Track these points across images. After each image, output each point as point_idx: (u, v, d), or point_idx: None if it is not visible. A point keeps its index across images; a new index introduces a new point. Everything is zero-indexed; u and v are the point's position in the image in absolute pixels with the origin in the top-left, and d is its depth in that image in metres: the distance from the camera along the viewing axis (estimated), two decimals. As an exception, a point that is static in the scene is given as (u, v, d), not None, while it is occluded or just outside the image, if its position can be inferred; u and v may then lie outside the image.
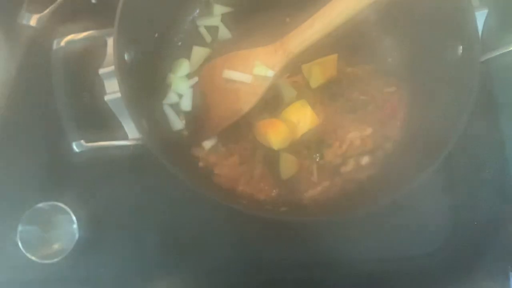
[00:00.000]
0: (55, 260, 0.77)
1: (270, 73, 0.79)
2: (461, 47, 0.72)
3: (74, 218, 0.79)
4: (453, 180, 0.85)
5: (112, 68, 0.67)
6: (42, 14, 0.81)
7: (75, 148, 0.66)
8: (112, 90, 0.68)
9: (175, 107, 0.85)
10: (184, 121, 0.84)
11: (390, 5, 0.78)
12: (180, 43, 0.89)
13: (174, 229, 0.81)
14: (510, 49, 0.74)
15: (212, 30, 0.90)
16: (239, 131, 0.83)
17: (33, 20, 0.81)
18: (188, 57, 0.88)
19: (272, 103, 0.84)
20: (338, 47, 0.85)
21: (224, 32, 0.90)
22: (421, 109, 0.81)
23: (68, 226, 0.79)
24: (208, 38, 0.90)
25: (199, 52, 0.88)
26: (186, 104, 0.85)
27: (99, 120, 0.71)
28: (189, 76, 0.87)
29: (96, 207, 0.80)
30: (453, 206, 0.83)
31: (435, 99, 0.78)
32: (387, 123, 0.84)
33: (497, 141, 0.85)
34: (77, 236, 0.78)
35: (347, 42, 0.86)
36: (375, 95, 0.86)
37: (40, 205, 0.78)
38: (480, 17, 0.72)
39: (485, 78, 0.86)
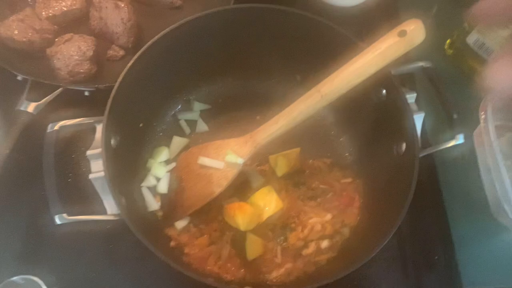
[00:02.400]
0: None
1: (240, 160, 0.88)
2: (404, 144, 0.84)
3: (46, 293, 0.81)
4: (405, 264, 0.92)
5: (99, 150, 0.75)
6: (40, 102, 0.91)
7: (57, 220, 0.72)
8: (97, 169, 0.75)
9: (152, 189, 0.93)
10: (159, 203, 0.91)
11: (343, 107, 0.90)
12: (161, 133, 0.99)
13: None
14: (446, 146, 0.86)
15: (191, 123, 1.01)
16: (210, 213, 0.90)
17: (31, 107, 0.90)
18: (168, 145, 0.98)
19: (241, 188, 0.92)
20: (301, 142, 0.96)
21: (201, 126, 1.01)
22: (374, 197, 0.91)
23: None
24: (187, 130, 1.01)
25: (178, 142, 0.99)
26: (163, 187, 0.93)
27: (82, 197, 0.78)
28: (167, 162, 0.96)
29: (69, 282, 0.82)
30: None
31: (385, 189, 0.88)
32: (345, 210, 0.92)
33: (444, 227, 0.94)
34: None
35: (310, 138, 0.99)
36: (333, 184, 0.95)
37: (14, 278, 0.80)
38: (418, 119, 0.85)
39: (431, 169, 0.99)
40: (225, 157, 0.89)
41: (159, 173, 0.94)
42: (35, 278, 0.80)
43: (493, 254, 0.90)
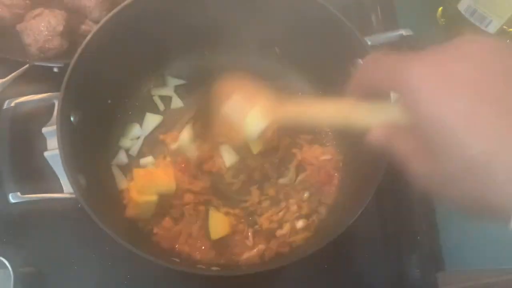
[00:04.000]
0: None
1: (258, 131, 0.69)
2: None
3: (11, 273, 0.80)
4: (388, 245, 0.88)
5: (55, 127, 0.72)
6: (5, 79, 0.88)
7: (11, 199, 0.70)
8: (53, 147, 0.72)
9: (124, 167, 0.90)
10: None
11: (322, 81, 0.86)
12: (134, 110, 0.96)
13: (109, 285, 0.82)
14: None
15: (166, 99, 0.98)
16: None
17: (-4, 85, 0.88)
18: (140, 122, 0.94)
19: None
20: None
21: (176, 102, 0.98)
22: (352, 175, 0.86)
23: (5, 282, 0.80)
24: (161, 107, 0.97)
25: (151, 118, 0.95)
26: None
27: (38, 175, 0.76)
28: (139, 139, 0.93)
29: (33, 259, 0.81)
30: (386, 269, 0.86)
31: (362, 165, 0.83)
32: (322, 188, 0.88)
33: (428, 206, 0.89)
34: (11, 291, 0.79)
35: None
36: (312, 162, 0.91)
37: (-22, 259, 0.79)
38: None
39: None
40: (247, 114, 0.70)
41: (131, 151, 0.92)
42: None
43: (477, 235, 0.85)
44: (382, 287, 0.86)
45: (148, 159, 0.91)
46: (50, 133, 0.73)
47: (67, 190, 0.72)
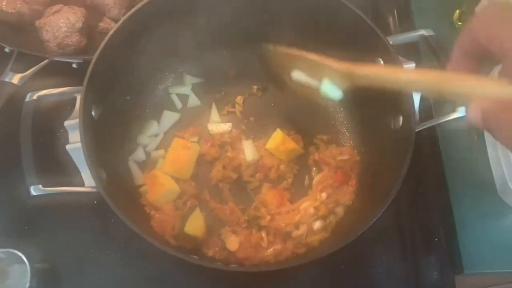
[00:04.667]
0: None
1: (338, 94, 0.69)
2: (401, 117, 0.79)
3: (28, 268, 0.79)
4: (404, 245, 0.87)
5: (77, 121, 0.72)
6: (25, 73, 0.89)
7: (32, 191, 0.70)
8: (75, 140, 0.72)
9: (140, 164, 0.90)
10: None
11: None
12: (152, 107, 0.96)
13: (125, 281, 0.82)
14: (448, 119, 0.80)
15: (183, 97, 0.98)
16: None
17: (15, 79, 0.88)
18: (158, 119, 0.95)
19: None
20: (299, 118, 0.94)
21: (193, 100, 0.98)
22: (370, 174, 0.86)
23: (20, 275, 0.80)
24: (178, 105, 0.97)
25: (169, 116, 0.96)
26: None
27: (59, 168, 0.76)
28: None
29: (50, 255, 0.81)
30: (403, 270, 0.85)
31: (381, 165, 0.83)
32: (340, 188, 0.88)
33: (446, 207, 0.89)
34: (27, 286, 0.78)
35: (309, 114, 0.95)
36: (329, 162, 0.90)
37: (-3, 252, 0.79)
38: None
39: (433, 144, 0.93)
40: (321, 79, 0.70)
41: (148, 148, 0.92)
42: (16, 252, 0.79)
43: (497, 237, 0.84)
44: (398, 288, 0.85)
45: (159, 152, 0.91)
46: (72, 126, 0.73)
47: (88, 183, 0.72)
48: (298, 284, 0.85)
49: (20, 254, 0.79)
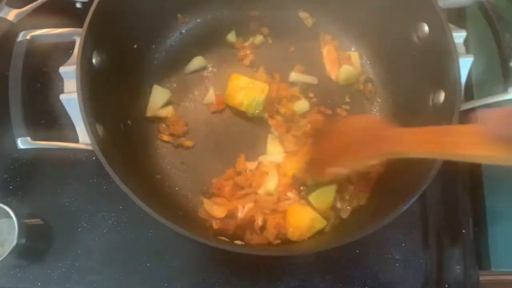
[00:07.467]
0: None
1: None
2: (443, 93, 0.69)
3: (16, 223, 0.74)
4: (426, 233, 0.79)
5: (74, 67, 0.63)
6: (21, 10, 0.79)
7: (19, 144, 0.62)
8: (70, 90, 0.64)
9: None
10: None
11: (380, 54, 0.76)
12: (164, 57, 0.87)
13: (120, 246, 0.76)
14: (498, 99, 0.70)
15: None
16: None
17: (11, 15, 0.79)
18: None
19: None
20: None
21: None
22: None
23: (9, 230, 0.74)
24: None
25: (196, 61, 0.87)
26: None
27: (51, 120, 0.67)
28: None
29: (40, 210, 0.74)
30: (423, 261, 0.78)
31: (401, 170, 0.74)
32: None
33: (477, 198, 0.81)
34: (15, 242, 0.72)
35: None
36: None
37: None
38: (465, 64, 0.69)
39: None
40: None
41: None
42: (3, 206, 0.72)
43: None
44: (417, 279, 0.78)
45: (168, 109, 0.84)
46: (69, 73, 0.65)
47: (83, 140, 0.64)
48: (322, 267, 0.78)
49: (6, 208, 0.74)
